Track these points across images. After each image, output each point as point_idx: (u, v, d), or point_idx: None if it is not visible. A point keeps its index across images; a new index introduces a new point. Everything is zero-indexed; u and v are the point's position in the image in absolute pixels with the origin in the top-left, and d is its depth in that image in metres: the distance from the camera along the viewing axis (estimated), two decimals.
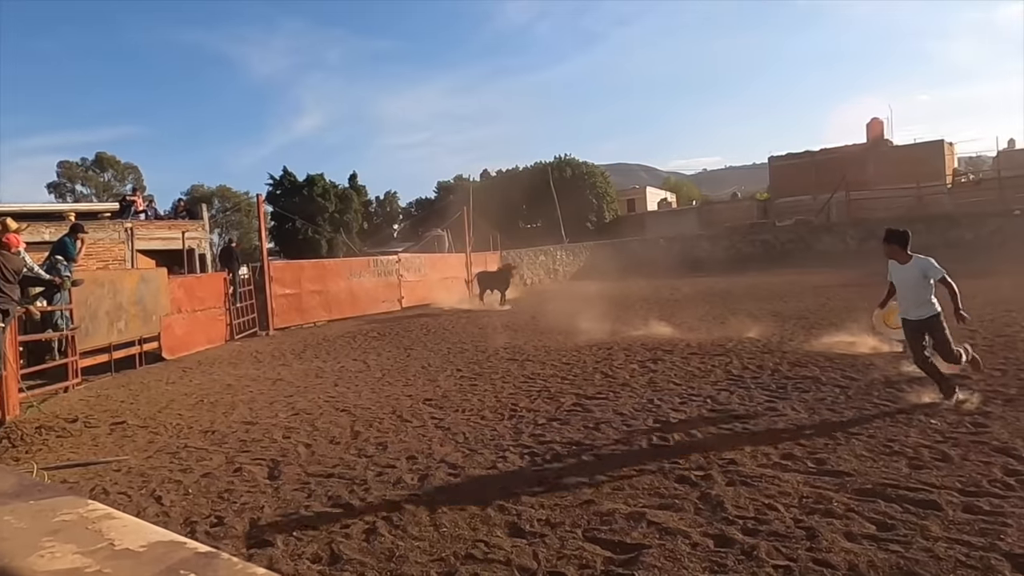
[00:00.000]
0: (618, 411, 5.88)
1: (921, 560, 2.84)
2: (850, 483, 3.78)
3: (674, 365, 7.78)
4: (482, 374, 8.26)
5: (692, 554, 3.08)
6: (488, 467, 4.62)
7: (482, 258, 26.01)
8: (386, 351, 11.12)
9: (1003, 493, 3.49)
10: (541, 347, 10.09)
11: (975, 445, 4.26)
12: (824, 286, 16.70)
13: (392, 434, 5.71)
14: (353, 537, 3.59)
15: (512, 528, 3.56)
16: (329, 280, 17.75)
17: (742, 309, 12.99)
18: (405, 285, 20.30)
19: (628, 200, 54.74)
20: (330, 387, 8.18)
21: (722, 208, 46.23)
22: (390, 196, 61.08)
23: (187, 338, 12.84)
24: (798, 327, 10.01)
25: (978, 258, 19.93)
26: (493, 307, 17.84)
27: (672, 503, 3.71)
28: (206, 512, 4.15)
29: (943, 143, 38.42)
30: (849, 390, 5.99)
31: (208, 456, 5.44)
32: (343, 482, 4.53)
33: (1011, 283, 13.54)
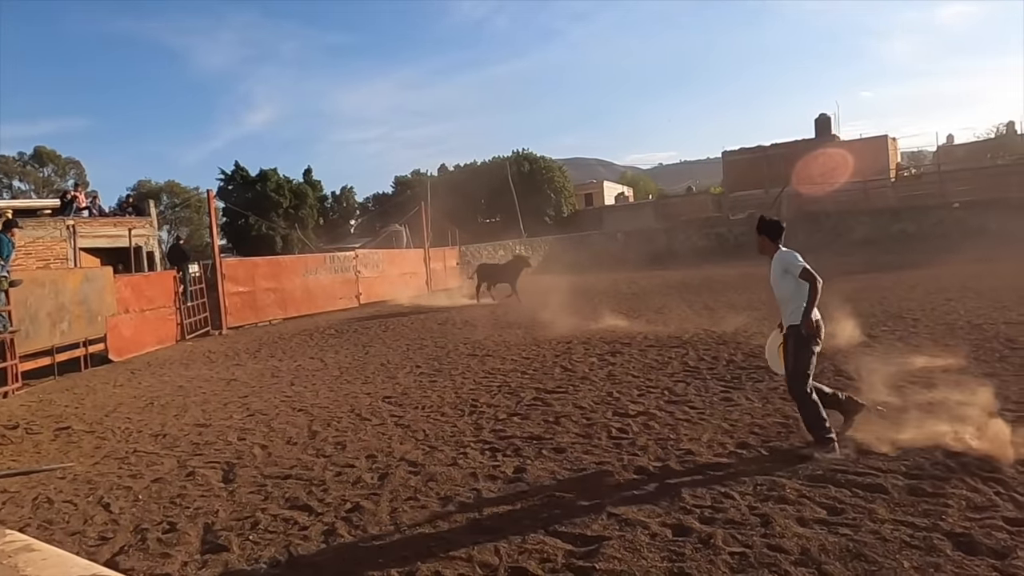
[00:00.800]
0: (578, 404, 5.92)
1: (869, 542, 2.94)
2: (802, 470, 3.89)
3: (632, 358, 7.88)
4: (442, 370, 8.22)
5: (651, 544, 3.12)
6: (449, 464, 4.60)
7: (441, 253, 25.89)
8: (344, 349, 10.97)
9: (944, 475, 3.63)
10: (501, 342, 10.10)
11: (919, 430, 4.40)
12: None
13: (351, 433, 5.64)
14: (311, 539, 3.53)
15: (473, 524, 3.55)
16: (284, 277, 17.40)
17: (698, 301, 13.24)
18: (363, 281, 20.04)
19: (586, 194, 55.18)
20: (286, 387, 8.03)
21: (678, 202, 46.96)
22: (346, 191, 60.13)
23: (135, 339, 12.43)
24: (752, 318, 10.24)
25: (920, 249, 20.78)
26: (489, 303, 16.58)
27: (631, 495, 3.75)
28: (157, 519, 4.02)
29: (887, 138, 39.81)
30: None
31: (159, 460, 5.27)
32: (301, 483, 4.45)
33: (950, 272, 14.14)
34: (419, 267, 23.81)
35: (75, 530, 3.94)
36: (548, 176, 49.50)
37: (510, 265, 17.18)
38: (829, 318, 9.29)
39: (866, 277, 15.32)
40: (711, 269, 22.54)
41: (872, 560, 2.79)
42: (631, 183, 69.81)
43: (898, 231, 26.87)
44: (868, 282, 14.19)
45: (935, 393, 5.19)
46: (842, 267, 18.36)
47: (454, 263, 26.69)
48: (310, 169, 52.92)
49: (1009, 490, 3.37)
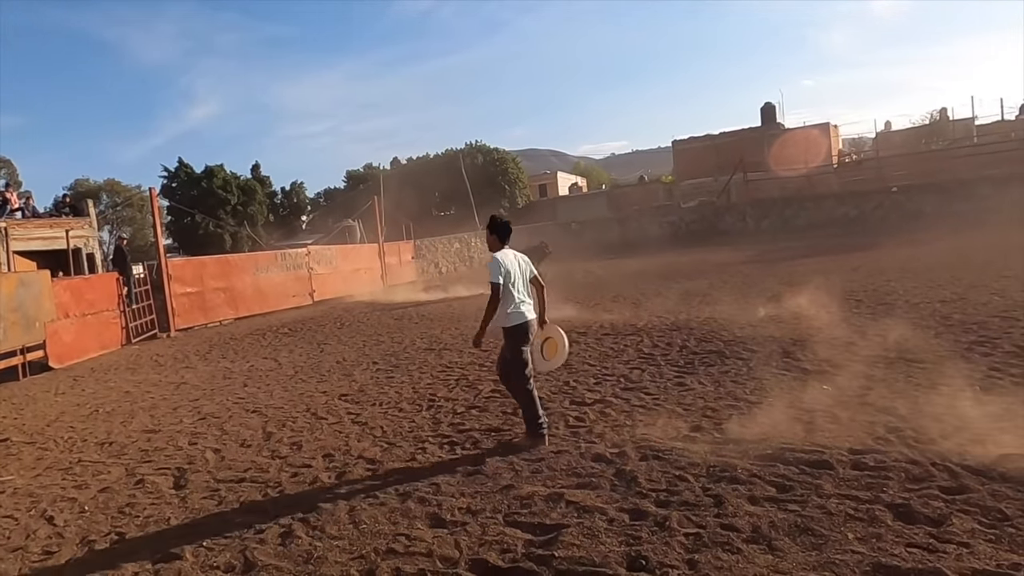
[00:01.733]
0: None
1: (816, 517, 3.05)
2: (753, 450, 4.00)
3: (588, 346, 7.96)
4: (399, 366, 8.16)
5: (609, 529, 3.17)
6: (407, 459, 4.58)
7: (396, 248, 25.62)
8: (298, 347, 10.78)
9: (885, 449, 3.79)
10: (458, 335, 10.07)
11: (861, 407, 4.61)
12: (727, 263, 17.53)
13: (307, 433, 5.55)
14: (268, 542, 3.47)
15: (433, 519, 3.54)
16: (234, 276, 16.96)
17: (652, 289, 13.45)
18: (316, 278, 19.70)
19: (540, 185, 55.36)
20: (239, 388, 7.85)
21: (630, 191, 47.57)
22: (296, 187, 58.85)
23: (77, 344, 11.96)
24: (703, 304, 10.46)
25: (861, 233, 21.55)
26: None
27: (589, 482, 3.80)
28: (105, 529, 3.89)
29: (829, 125, 41.07)
30: (751, 362, 6.32)
31: (106, 469, 5.10)
32: (256, 486, 4.37)
33: (889, 255, 14.71)
34: (374, 262, 23.52)
35: (17, 546, 3.78)
36: (502, 168, 49.47)
37: (535, 251, 17.52)
38: (778, 299, 9.59)
39: (811, 261, 15.81)
40: (664, 257, 22.92)
41: (819, 534, 2.90)
42: (584, 173, 70.34)
43: (841, 215, 27.77)
44: (813, 265, 14.65)
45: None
46: (789, 251, 18.92)
47: (409, 257, 26.46)
48: (258, 165, 51.71)
49: (945, 460, 3.54)
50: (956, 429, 3.99)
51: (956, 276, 10.41)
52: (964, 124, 40.99)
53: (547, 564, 2.91)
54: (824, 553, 2.74)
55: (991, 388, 4.72)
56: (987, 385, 4.79)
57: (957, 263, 12.07)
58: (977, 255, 12.88)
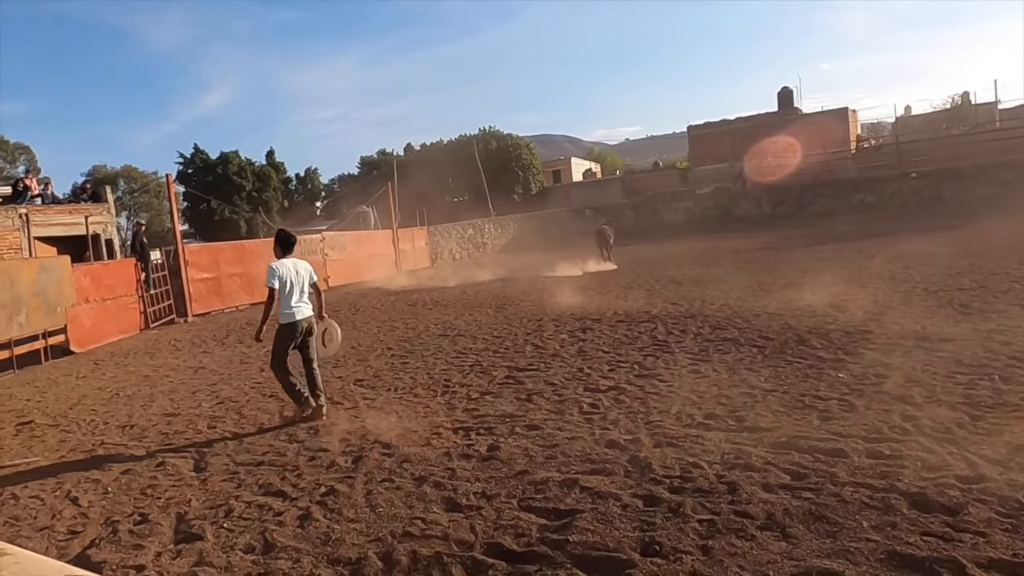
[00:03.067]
0: (549, 381, 5.99)
1: (830, 505, 3.05)
2: (767, 437, 4.01)
3: (603, 333, 7.97)
4: (413, 351, 8.22)
5: (623, 515, 3.20)
6: (423, 444, 4.62)
7: (409, 234, 25.69)
8: None
9: (901, 438, 3.78)
10: (472, 322, 10.12)
11: (877, 395, 4.59)
12: (742, 250, 17.42)
13: (323, 418, 5.61)
14: (287, 524, 3.53)
15: (449, 503, 3.59)
16: (250, 262, 17.09)
17: (666, 276, 13.40)
18: (330, 264, 19.81)
19: (554, 171, 55.09)
20: (256, 373, 7.95)
21: (644, 177, 47.19)
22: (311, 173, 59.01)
23: (97, 329, 12.14)
24: (718, 291, 10.42)
25: (879, 219, 21.29)
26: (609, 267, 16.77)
27: (603, 467, 3.83)
28: (128, 510, 3.97)
29: (847, 110, 40.42)
30: (766, 349, 6.30)
31: (127, 452, 5.20)
32: (274, 469, 4.44)
33: (907, 241, 14.53)
34: (388, 248, 23.62)
35: (43, 525, 3.88)
36: (515, 153, 49.25)
37: (599, 236, 18.41)
38: (794, 286, 9.53)
39: (827, 248, 15.67)
40: (678, 243, 22.80)
41: (833, 521, 2.90)
42: (598, 159, 69.89)
43: (858, 202, 27.45)
44: (829, 253, 14.52)
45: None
46: (804, 238, 18.74)
47: (423, 243, 26.53)
48: (272, 151, 51.97)
49: (962, 450, 3.52)
50: (973, 419, 3.96)
51: (976, 264, 10.28)
52: (987, 108, 40.20)
53: (561, 548, 2.94)
54: (838, 541, 2.74)
55: (1010, 377, 4.67)
56: (1006, 374, 4.74)
57: (977, 250, 11.91)
58: (998, 242, 12.70)
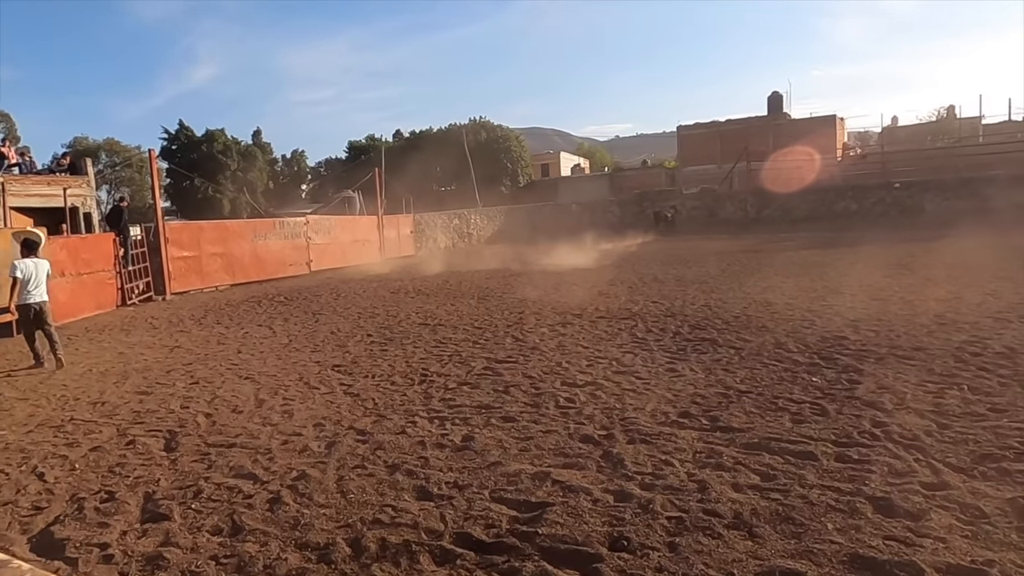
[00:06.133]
0: (527, 374, 6.00)
1: (797, 506, 3.09)
2: (739, 438, 4.05)
3: (583, 329, 7.99)
4: (393, 339, 8.19)
5: (593, 510, 3.21)
6: (397, 432, 4.61)
7: (395, 221, 25.56)
8: (293, 316, 10.79)
9: (870, 443, 3.84)
10: (453, 311, 10.10)
11: (848, 400, 4.65)
12: (725, 252, 17.55)
13: (298, 401, 5.59)
14: (256, 507, 3.51)
15: (420, 492, 3.59)
16: (231, 242, 16.93)
17: (649, 274, 13.47)
18: (314, 248, 19.68)
19: (543, 164, 55.09)
20: (233, 354, 7.87)
21: (633, 175, 47.36)
22: (298, 155, 58.51)
23: (72, 304, 11.95)
24: (699, 291, 10.49)
25: (861, 227, 21.53)
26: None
27: (576, 462, 3.84)
28: (95, 487, 3.93)
29: (835, 118, 40.84)
30: (743, 351, 6.36)
31: (97, 429, 5.13)
32: (246, 451, 4.40)
33: (887, 250, 14.72)
34: (372, 234, 23.48)
35: (6, 500, 3.82)
36: (505, 145, 49.18)
37: (657, 218, 20.52)
38: (775, 289, 9.62)
39: (809, 253, 15.83)
40: (663, 242, 22.93)
41: (799, 523, 2.94)
42: (588, 155, 70.00)
43: (842, 209, 27.76)
44: (811, 258, 14.67)
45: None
46: (787, 243, 18.93)
47: (408, 231, 26.41)
48: (259, 131, 51.47)
49: (927, 456, 3.58)
50: (940, 427, 4.03)
51: (952, 275, 10.44)
52: (971, 122, 40.82)
53: (530, 540, 2.95)
54: (803, 542, 2.78)
55: (978, 388, 4.75)
56: (975, 385, 4.83)
57: (954, 262, 12.10)
58: (974, 255, 12.90)
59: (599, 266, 15.91)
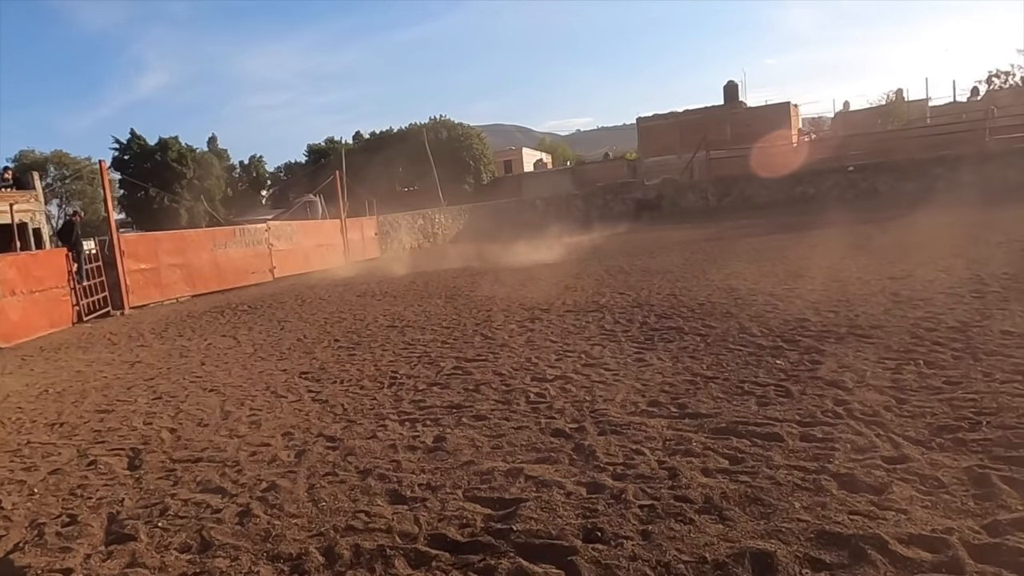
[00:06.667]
0: (497, 372, 6.00)
1: (765, 487, 3.15)
2: (707, 423, 4.11)
3: (551, 323, 8.02)
4: (361, 343, 8.11)
5: (566, 503, 3.23)
6: (368, 437, 4.57)
7: (358, 223, 25.30)
8: (258, 325, 10.61)
9: (833, 421, 3.93)
10: (421, 312, 10.04)
11: (811, 381, 4.76)
12: (688, 241, 17.79)
13: (266, 411, 5.49)
14: (225, 521, 3.44)
15: (393, 495, 3.56)
16: (190, 252, 16.54)
17: (614, 266, 13.58)
18: (276, 254, 19.36)
19: (505, 161, 55.15)
20: (196, 367, 7.70)
21: (595, 168, 47.72)
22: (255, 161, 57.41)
23: (25, 323, 11.56)
24: (664, 281, 10.61)
25: (819, 211, 22.03)
26: None
27: (548, 456, 3.86)
28: (56, 512, 3.80)
29: (789, 105, 41.69)
30: (708, 338, 6.46)
31: (56, 451, 4.97)
32: (213, 465, 4.31)
33: (844, 232, 15.06)
34: (336, 238, 23.19)
35: None
36: (467, 143, 49.07)
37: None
38: (738, 275, 9.78)
39: (770, 239, 16.15)
40: (627, 234, 23.14)
41: (767, 503, 3.00)
42: (550, 149, 70.24)
43: (799, 194, 28.36)
44: (772, 243, 14.96)
45: None
46: (749, 229, 19.26)
47: (372, 233, 26.16)
48: (215, 137, 50.46)
49: (888, 431, 3.69)
50: (899, 402, 4.15)
51: (906, 254, 10.75)
52: (918, 105, 42.05)
53: (505, 538, 2.96)
54: (772, 522, 2.84)
55: (933, 362, 4.91)
56: (930, 359, 4.98)
57: (908, 241, 12.46)
58: (926, 233, 13.31)
59: (565, 260, 15.98)
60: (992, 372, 4.53)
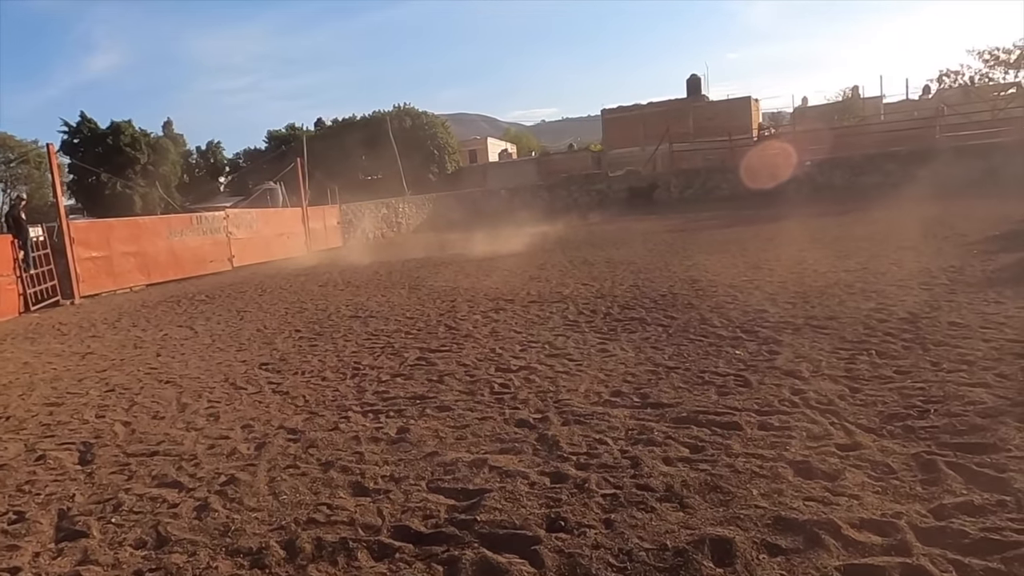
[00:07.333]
0: (461, 362, 5.99)
1: (724, 475, 3.22)
2: (669, 413, 4.17)
3: (515, 314, 8.04)
4: (323, 333, 8.00)
5: (530, 493, 3.25)
6: (330, 429, 4.52)
7: (320, 212, 24.91)
8: (216, 315, 10.37)
9: (789, 410, 4.03)
10: (385, 302, 9.95)
11: (769, 371, 4.87)
12: (651, 232, 17.99)
13: (225, 403, 5.38)
14: (182, 516, 3.36)
15: (356, 487, 3.53)
16: (145, 240, 16.07)
17: (579, 257, 13.65)
18: (236, 243, 18.94)
19: (470, 151, 54.87)
20: (151, 358, 7.50)
21: (560, 159, 47.83)
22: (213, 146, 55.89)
23: None
24: (628, 272, 10.72)
25: (778, 204, 22.50)
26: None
27: (512, 447, 3.87)
28: (2, 509, 3.66)
29: (750, 99, 42.40)
30: (670, 328, 6.55)
31: (2, 446, 4.78)
32: (169, 459, 4.21)
33: (801, 225, 15.43)
34: (297, 227, 22.79)
35: None
36: (431, 132, 48.66)
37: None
38: (699, 267, 9.92)
39: (731, 231, 16.44)
40: (591, 225, 23.28)
41: (726, 491, 3.06)
42: (515, 140, 70.14)
43: (759, 186, 28.86)
44: (732, 235, 15.23)
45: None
46: (710, 221, 19.57)
47: (335, 222, 25.79)
48: (170, 122, 48.93)
49: (841, 419, 3.80)
50: (852, 391, 4.28)
51: (860, 247, 11.07)
52: (873, 102, 43.21)
53: (469, 528, 2.96)
54: (731, 509, 2.90)
55: (885, 352, 5.07)
56: (882, 350, 5.15)
57: (862, 234, 12.82)
58: (879, 227, 13.72)
59: (530, 251, 16.00)
60: (939, 362, 4.70)
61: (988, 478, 2.97)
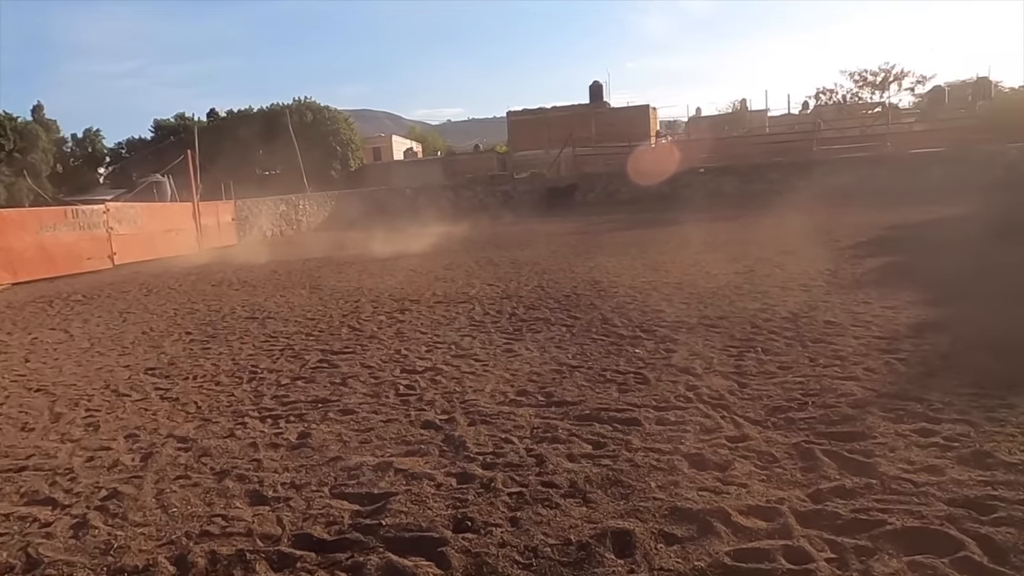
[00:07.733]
0: (366, 364, 5.87)
1: (625, 469, 3.35)
2: (572, 411, 4.28)
3: (421, 315, 7.97)
4: (216, 336, 7.59)
5: (436, 494, 3.23)
6: (225, 436, 4.30)
7: (213, 207, 23.62)
8: (95, 317, 9.60)
9: (684, 405, 4.24)
10: (283, 303, 9.58)
11: (666, 368, 5.10)
12: (555, 234, 18.36)
13: (105, 412, 5.00)
14: (57, 535, 3.10)
15: (254, 496, 3.38)
16: (10, 234, 14.63)
17: (484, 257, 13.72)
18: (117, 239, 17.61)
19: (374, 148, 53.88)
20: (18, 364, 6.85)
21: (465, 159, 47.89)
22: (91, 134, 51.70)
23: None
24: (532, 273, 10.89)
25: (674, 208, 23.61)
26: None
27: (418, 449, 3.84)
28: None
29: (648, 107, 44.19)
30: (574, 328, 6.71)
31: None
32: (41, 474, 3.86)
33: (695, 229, 16.26)
34: (188, 223, 21.49)
35: None
36: (333, 128, 47.33)
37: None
38: (601, 268, 10.23)
39: (631, 234, 17.06)
40: (496, 226, 23.45)
41: (627, 484, 3.18)
42: (420, 138, 69.50)
43: (656, 192, 30.14)
44: (632, 238, 15.82)
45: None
46: (611, 224, 20.23)
47: (229, 219, 24.54)
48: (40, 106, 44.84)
49: (731, 413, 4.04)
50: (740, 386, 4.56)
51: (746, 251, 11.80)
52: (759, 115, 46.19)
53: (374, 533, 2.91)
54: (630, 502, 3.02)
55: (770, 349, 5.44)
56: (767, 347, 5.52)
57: (748, 239, 13.68)
58: (763, 232, 14.68)
59: (435, 251, 15.91)
60: (816, 358, 5.10)
61: (857, 463, 3.25)
